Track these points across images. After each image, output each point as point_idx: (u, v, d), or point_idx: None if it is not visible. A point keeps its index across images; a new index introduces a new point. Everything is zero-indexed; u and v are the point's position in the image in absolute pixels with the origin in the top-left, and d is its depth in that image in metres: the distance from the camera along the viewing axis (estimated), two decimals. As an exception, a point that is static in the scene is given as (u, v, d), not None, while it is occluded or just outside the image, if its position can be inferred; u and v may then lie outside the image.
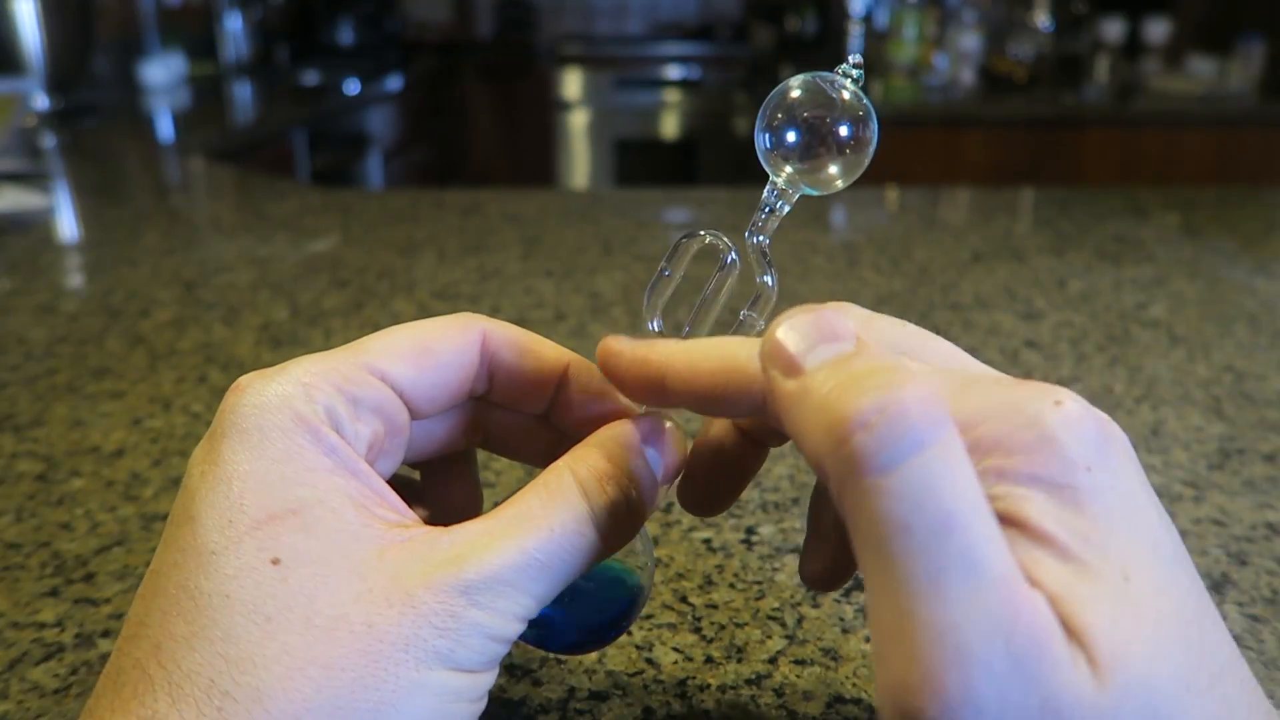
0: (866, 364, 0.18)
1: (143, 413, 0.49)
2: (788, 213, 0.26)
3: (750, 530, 0.38)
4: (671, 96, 3.61)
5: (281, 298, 0.67)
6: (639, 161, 3.67)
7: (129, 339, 0.60)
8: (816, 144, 0.24)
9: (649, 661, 0.30)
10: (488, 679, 0.21)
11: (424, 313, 0.64)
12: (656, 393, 0.23)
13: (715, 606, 0.33)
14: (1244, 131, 2.19)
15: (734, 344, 0.22)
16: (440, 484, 0.28)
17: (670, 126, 3.65)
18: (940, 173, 2.15)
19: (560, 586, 0.22)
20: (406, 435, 0.25)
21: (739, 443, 0.26)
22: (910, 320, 0.23)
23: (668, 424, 0.24)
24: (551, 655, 0.30)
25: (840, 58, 0.25)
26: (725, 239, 0.25)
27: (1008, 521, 0.18)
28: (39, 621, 0.32)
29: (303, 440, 0.21)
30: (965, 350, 0.23)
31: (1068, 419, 0.19)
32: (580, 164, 3.80)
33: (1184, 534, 0.38)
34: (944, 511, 0.16)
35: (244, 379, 0.22)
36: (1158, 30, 2.50)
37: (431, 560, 0.21)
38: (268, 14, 2.82)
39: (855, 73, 0.24)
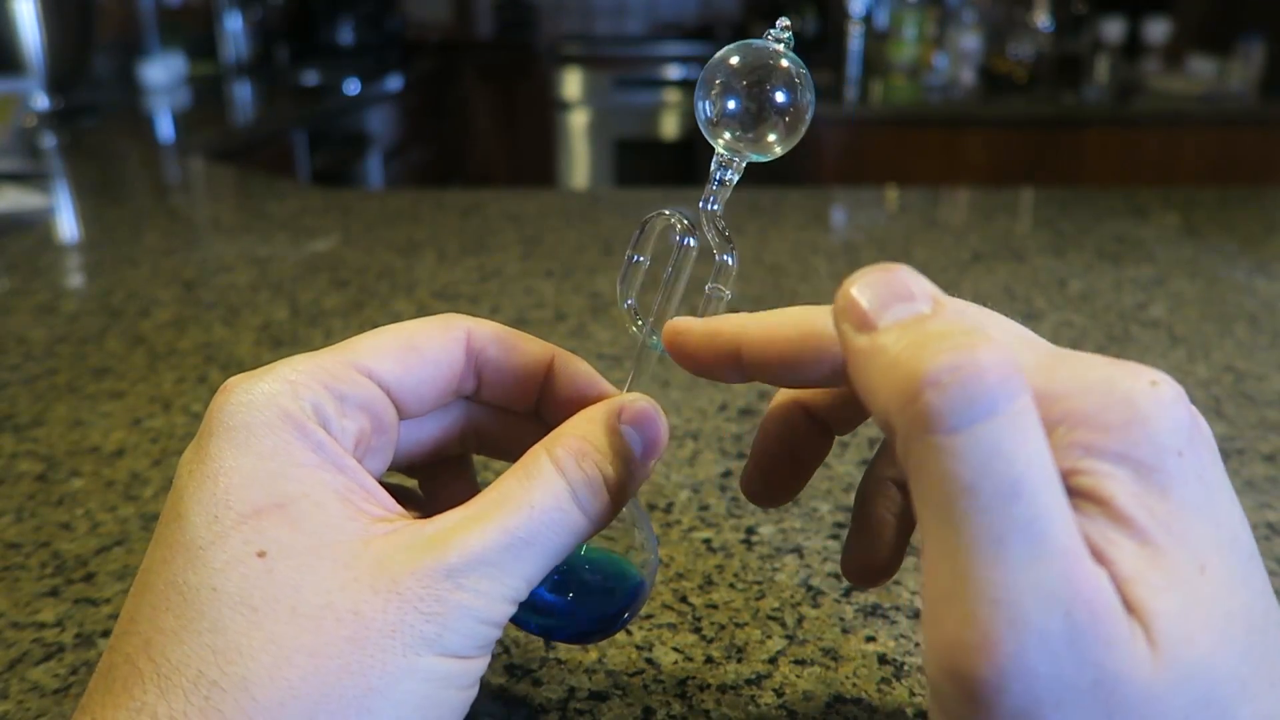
0: (943, 325, 0.18)
1: (143, 413, 0.49)
2: (737, 182, 0.26)
3: (750, 530, 0.38)
4: (671, 96, 3.61)
5: (281, 298, 0.67)
6: (639, 161, 3.67)
7: (129, 339, 0.60)
8: (756, 110, 0.24)
9: (649, 661, 0.30)
10: (479, 665, 0.21)
11: (424, 313, 0.64)
12: (731, 365, 0.23)
13: (715, 606, 0.33)
14: (1244, 131, 2.19)
15: (809, 310, 0.22)
16: (438, 491, 0.28)
17: (670, 126, 3.65)
18: (940, 173, 2.15)
19: (546, 566, 0.22)
20: (395, 434, 0.25)
21: (806, 431, 0.26)
22: None
23: (645, 402, 0.24)
24: (552, 655, 0.30)
25: (841, 58, 0.25)
26: (685, 217, 0.26)
27: (1090, 498, 0.18)
28: (39, 621, 0.32)
29: (289, 436, 0.21)
30: None
31: (1162, 401, 0.18)
32: (580, 164, 3.80)
33: (1184, 534, 0.38)
34: (1012, 477, 0.16)
35: (232, 380, 0.22)
36: (1158, 30, 2.50)
37: (416, 548, 0.21)
38: (268, 14, 2.82)
39: (785, 35, 0.25)
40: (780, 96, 0.24)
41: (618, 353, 0.57)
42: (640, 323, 0.26)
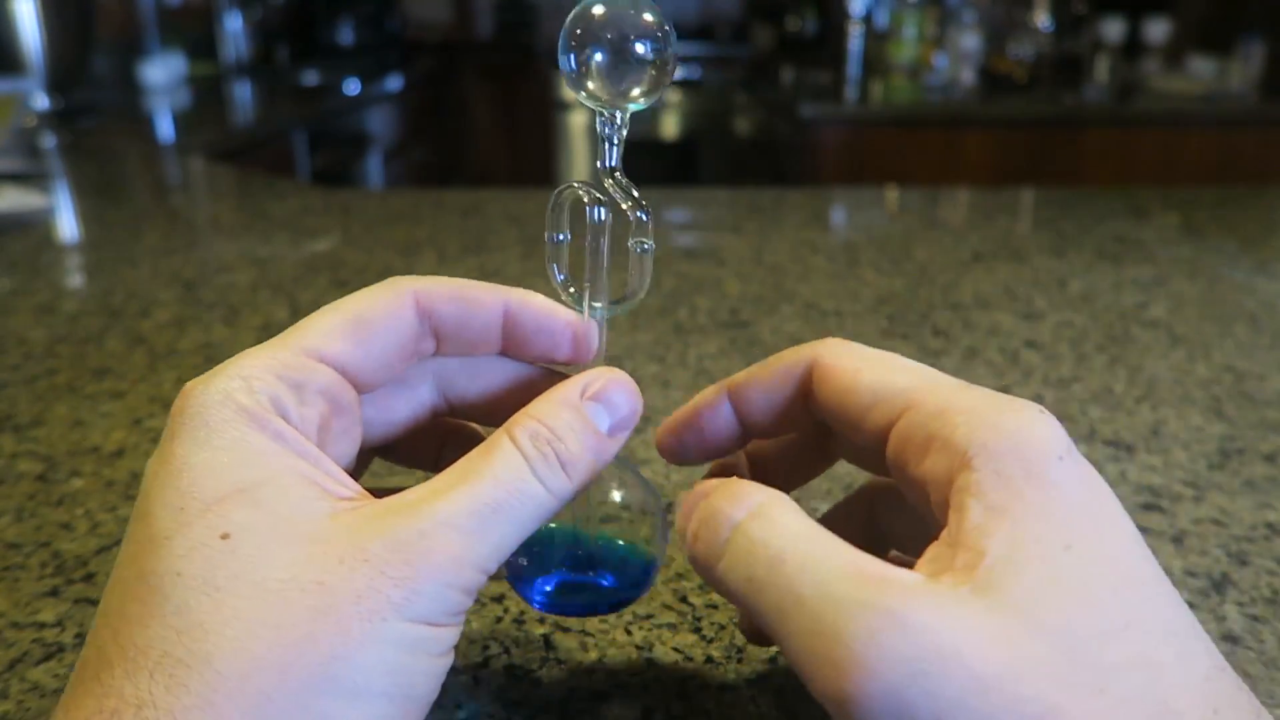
0: (705, 507, 0.22)
1: (143, 413, 0.49)
2: (625, 136, 0.26)
3: (750, 530, 0.38)
4: (671, 96, 3.61)
5: (281, 298, 0.67)
6: (639, 161, 3.65)
7: (129, 339, 0.60)
8: (619, 63, 0.25)
9: (649, 661, 0.30)
10: (450, 633, 0.22)
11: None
12: (710, 430, 0.28)
13: (715, 606, 0.33)
14: (1244, 131, 2.19)
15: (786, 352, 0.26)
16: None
17: (670, 126, 3.65)
18: (940, 173, 2.15)
19: (515, 537, 0.22)
20: (357, 411, 0.25)
21: (808, 441, 0.28)
22: (910, 319, 0.24)
23: (608, 377, 0.25)
24: (552, 655, 0.30)
25: (841, 58, 0.25)
26: (592, 188, 0.26)
27: (975, 493, 0.20)
28: (39, 621, 0.32)
29: (248, 429, 0.22)
30: (965, 349, 0.23)
31: (1048, 421, 0.22)
32: (580, 164, 3.80)
33: (1184, 534, 0.38)
34: (774, 550, 0.20)
35: (189, 383, 0.23)
36: (1158, 30, 2.50)
37: (383, 516, 0.21)
38: (268, 14, 2.82)
39: None
40: (642, 49, 0.25)
41: (618, 353, 0.57)
42: (573, 292, 0.27)
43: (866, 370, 0.24)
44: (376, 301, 0.25)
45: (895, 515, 0.28)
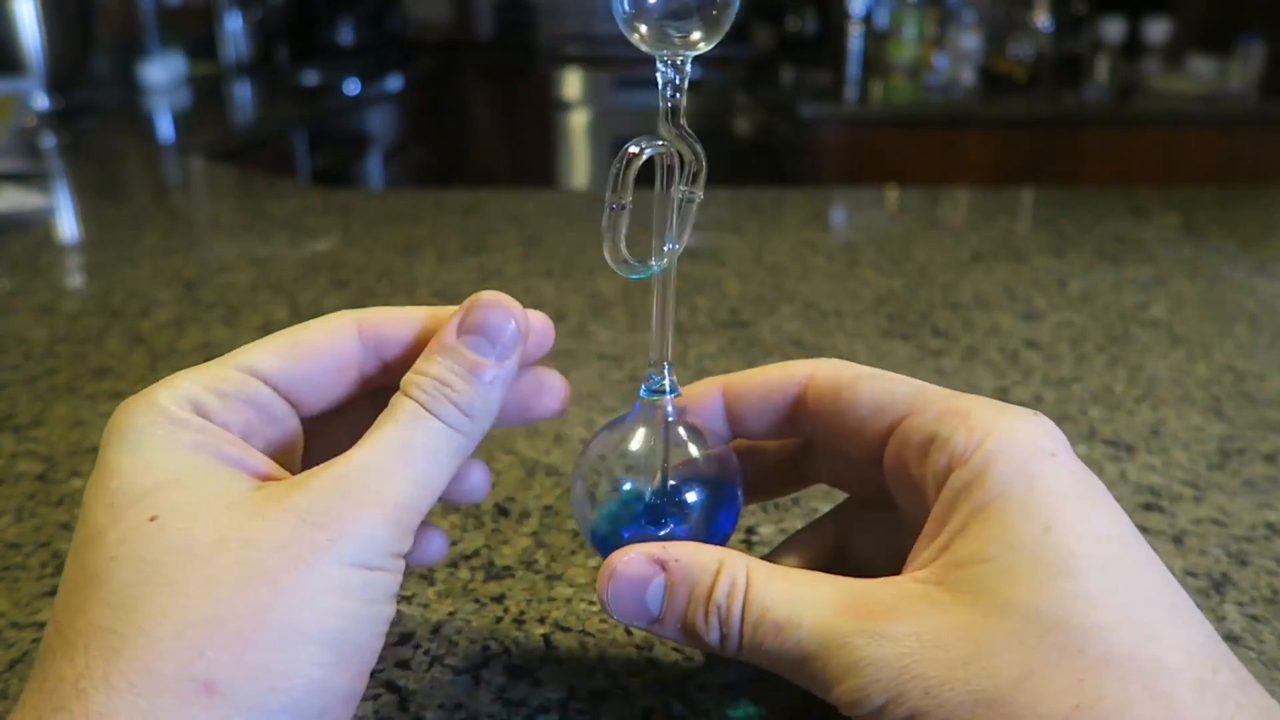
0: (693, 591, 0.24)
1: (143, 413, 0.49)
2: (687, 87, 0.26)
3: (750, 530, 0.38)
4: (671, 96, 3.61)
5: (281, 298, 0.67)
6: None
7: (129, 339, 0.60)
8: (678, 4, 0.24)
9: (649, 661, 0.30)
10: (386, 578, 0.22)
11: (424, 313, 0.64)
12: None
13: (715, 606, 0.33)
14: (1244, 131, 2.19)
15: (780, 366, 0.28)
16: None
17: (670, 126, 3.65)
18: (940, 173, 2.15)
19: (435, 472, 0.23)
20: (293, 425, 0.26)
21: (784, 457, 0.30)
22: (910, 319, 0.25)
23: (484, 300, 0.25)
24: (552, 655, 0.30)
25: (841, 58, 0.25)
26: (660, 142, 0.25)
27: (976, 485, 0.22)
28: (39, 621, 0.32)
29: (173, 429, 0.23)
30: (965, 349, 0.24)
31: (1043, 421, 0.23)
32: (580, 164, 3.80)
33: (1184, 534, 0.38)
34: (770, 618, 0.22)
35: (123, 402, 0.24)
36: (1158, 30, 2.50)
37: (304, 478, 0.22)
38: (268, 14, 2.82)
39: None
40: None
41: (618, 353, 0.57)
42: (628, 262, 0.26)
43: (866, 380, 0.25)
44: (317, 326, 0.26)
45: (865, 536, 0.29)
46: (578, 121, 3.75)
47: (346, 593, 0.21)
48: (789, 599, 0.22)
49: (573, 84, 3.71)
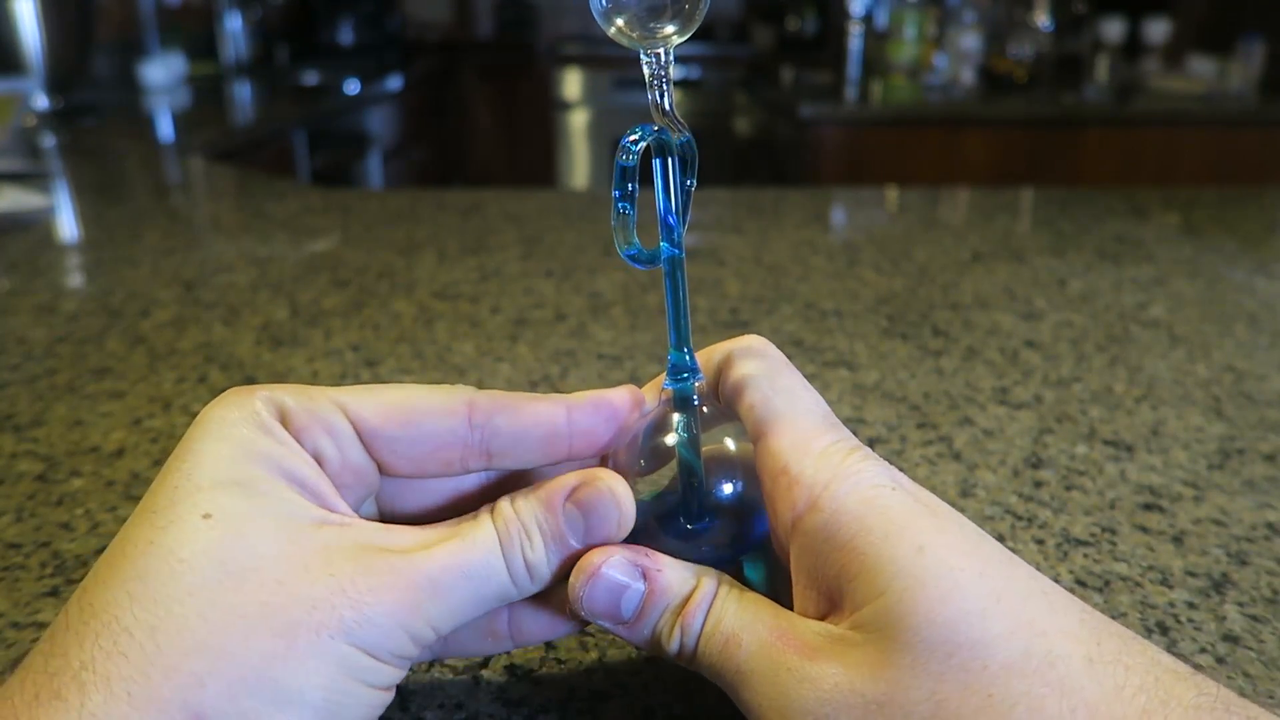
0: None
1: (143, 413, 0.49)
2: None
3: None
4: (671, 96, 3.61)
5: (281, 298, 0.67)
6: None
7: (129, 339, 0.60)
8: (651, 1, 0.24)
9: (649, 661, 0.30)
10: (391, 671, 0.22)
11: (423, 312, 0.64)
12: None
13: (715, 606, 0.33)
14: (1244, 131, 2.19)
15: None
16: None
17: (670, 126, 3.65)
18: (940, 173, 2.15)
19: (471, 608, 0.23)
20: (372, 480, 0.25)
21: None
22: (909, 319, 0.25)
23: (595, 487, 0.24)
24: (552, 655, 0.30)
25: (841, 58, 0.25)
26: (655, 128, 0.26)
27: (827, 537, 0.22)
28: (39, 621, 0.32)
29: (259, 432, 0.22)
30: (965, 349, 0.24)
31: (875, 461, 0.24)
32: (580, 164, 3.81)
33: (1184, 534, 0.38)
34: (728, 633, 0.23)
35: (224, 391, 0.24)
36: (1158, 30, 2.50)
37: (367, 547, 0.22)
38: (268, 14, 2.82)
39: None
40: None
41: (618, 353, 0.57)
42: (637, 256, 0.26)
43: (758, 379, 0.25)
44: (430, 399, 0.24)
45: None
46: (577, 121, 3.75)
47: (353, 673, 0.21)
48: (737, 619, 0.23)
49: (572, 84, 3.71)
